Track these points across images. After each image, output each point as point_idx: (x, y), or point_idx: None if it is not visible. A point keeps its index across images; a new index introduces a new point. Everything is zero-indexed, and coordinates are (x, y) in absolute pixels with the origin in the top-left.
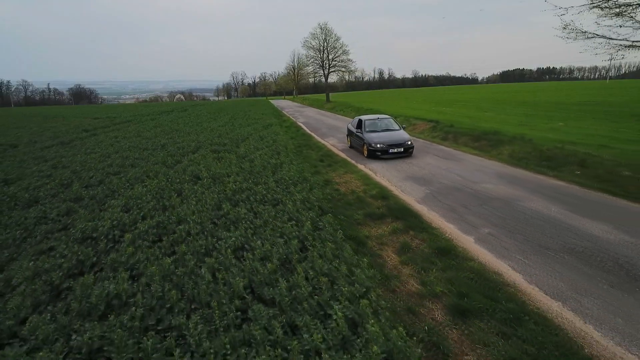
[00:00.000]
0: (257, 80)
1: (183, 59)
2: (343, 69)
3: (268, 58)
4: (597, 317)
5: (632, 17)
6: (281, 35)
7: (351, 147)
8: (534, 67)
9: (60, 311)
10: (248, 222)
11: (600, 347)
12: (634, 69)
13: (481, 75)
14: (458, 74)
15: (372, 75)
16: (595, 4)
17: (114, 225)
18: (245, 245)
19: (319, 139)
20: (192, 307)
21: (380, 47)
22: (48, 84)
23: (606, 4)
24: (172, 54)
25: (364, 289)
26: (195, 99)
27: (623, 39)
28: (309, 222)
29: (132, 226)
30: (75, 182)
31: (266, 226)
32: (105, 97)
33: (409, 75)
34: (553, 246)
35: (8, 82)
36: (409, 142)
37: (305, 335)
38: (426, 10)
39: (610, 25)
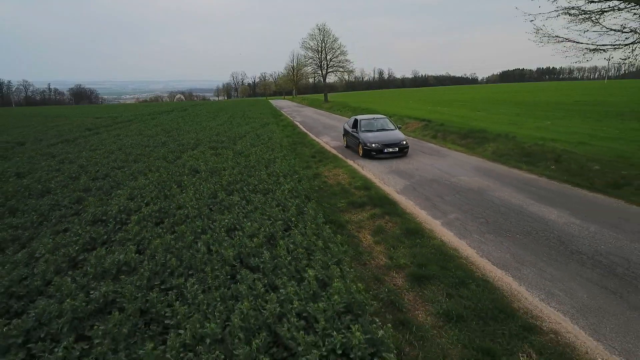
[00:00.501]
0: (257, 80)
1: (183, 59)
2: (341, 69)
3: (268, 58)
4: (530, 281)
5: (598, 22)
6: (281, 35)
7: (347, 146)
8: (533, 67)
9: (79, 275)
10: (240, 208)
11: (527, 302)
12: (634, 69)
13: (481, 75)
14: (458, 74)
15: (372, 76)
16: (562, 11)
17: (120, 210)
18: (237, 226)
19: (314, 137)
20: (190, 272)
21: (380, 47)
22: (49, 84)
23: (573, 11)
24: (172, 54)
25: (336, 259)
26: (195, 99)
27: (590, 43)
28: (294, 207)
29: (137, 211)
30: (83, 176)
31: (256, 211)
32: (106, 97)
33: (409, 75)
34: (510, 228)
35: (9, 82)
36: (404, 142)
37: (282, 291)
38: (426, 10)
39: (580, 30)
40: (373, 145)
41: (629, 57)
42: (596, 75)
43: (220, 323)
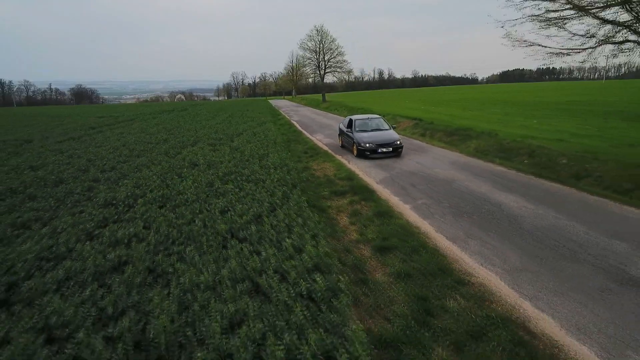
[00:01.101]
0: (257, 80)
1: (183, 59)
2: (339, 70)
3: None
4: (473, 250)
5: (563, 27)
6: (281, 35)
7: (342, 146)
8: (533, 68)
9: (97, 244)
10: (233, 194)
11: (465, 264)
12: (634, 69)
13: (481, 75)
14: (458, 74)
15: (372, 76)
16: (527, 19)
17: (128, 195)
18: (229, 207)
19: (308, 135)
20: (188, 242)
21: (380, 47)
22: (50, 84)
23: (535, 18)
24: (172, 54)
25: (312, 233)
26: (195, 99)
27: (556, 47)
28: (280, 193)
29: (142, 196)
30: (92, 168)
31: (247, 196)
32: (106, 97)
33: (409, 75)
34: (468, 211)
35: (10, 82)
36: (398, 142)
37: (264, 254)
38: (426, 10)
39: (548, 35)
40: (367, 145)
41: (585, 60)
42: (596, 76)
43: (212, 275)
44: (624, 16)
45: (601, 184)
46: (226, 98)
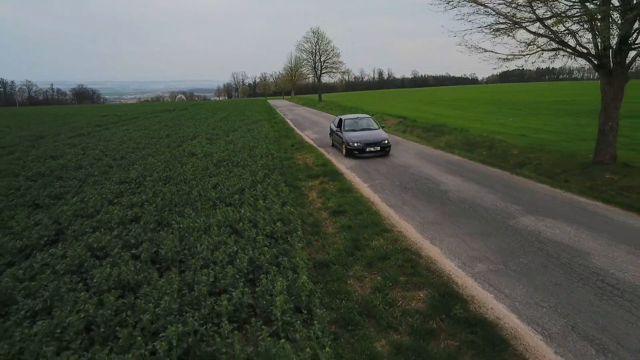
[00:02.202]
0: (257, 80)
1: (184, 59)
2: (334, 70)
3: (268, 58)
4: (403, 212)
5: (512, 36)
6: (281, 35)
7: (333, 145)
8: (533, 68)
9: (117, 206)
10: (224, 175)
11: (393, 220)
12: (632, 70)
13: (481, 75)
14: (458, 74)
15: (372, 76)
16: (475, 30)
17: (138, 176)
18: (219, 183)
19: (299, 132)
20: (186, 205)
21: (380, 47)
22: (51, 84)
23: (484, 29)
24: (173, 54)
25: (282, 201)
26: (196, 99)
27: (504, 54)
28: (262, 174)
29: (149, 176)
30: (104, 157)
31: (234, 176)
32: (107, 97)
33: (409, 75)
34: (412, 187)
35: (12, 82)
36: (386, 142)
37: (242, 211)
38: (426, 11)
39: (496, 43)
40: (355, 144)
41: (523, 65)
42: (595, 76)
43: (204, 223)
44: (553, 28)
45: (536, 170)
46: (226, 98)
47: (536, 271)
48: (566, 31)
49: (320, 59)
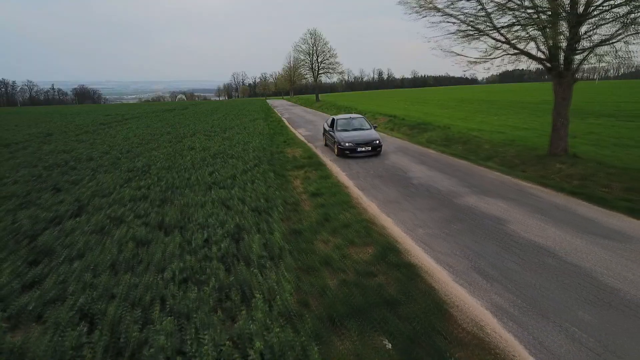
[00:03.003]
0: (257, 80)
1: (184, 59)
2: (331, 71)
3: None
4: (371, 193)
5: (483, 41)
6: (282, 35)
7: (326, 145)
8: (533, 68)
9: (128, 188)
10: (219, 165)
11: (361, 200)
12: (633, 70)
13: (481, 75)
14: (458, 74)
15: (372, 76)
16: (444, 37)
17: (144, 165)
18: (215, 171)
19: (292, 130)
20: (186, 188)
21: (380, 48)
22: (52, 84)
23: (452, 35)
24: (173, 54)
25: (269, 185)
26: (196, 99)
27: (473, 57)
28: (253, 163)
29: (154, 166)
30: (112, 151)
31: (228, 166)
32: (108, 97)
33: (409, 75)
34: (384, 175)
35: (13, 82)
36: (377, 142)
37: (232, 192)
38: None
39: (464, 47)
40: (347, 144)
41: (489, 68)
42: (595, 76)
43: (200, 200)
44: (508, 36)
45: (501, 162)
46: (226, 98)
47: (462, 234)
48: (522, 38)
49: (317, 59)
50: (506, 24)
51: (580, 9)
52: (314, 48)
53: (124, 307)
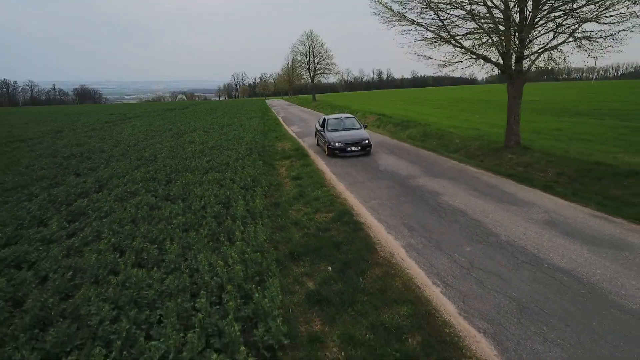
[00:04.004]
0: (257, 80)
1: (184, 59)
2: (327, 72)
3: (269, 58)
4: (342, 177)
5: (454, 45)
6: (282, 35)
7: (318, 144)
8: (532, 68)
9: (139, 172)
10: (216, 155)
11: (333, 182)
12: (632, 70)
13: (480, 76)
14: (457, 75)
15: (371, 76)
16: (414, 42)
17: (150, 155)
18: (212, 160)
19: (286, 127)
20: (187, 171)
21: (380, 48)
22: (53, 84)
23: (421, 41)
24: (173, 54)
25: (256, 170)
26: (197, 99)
27: (442, 60)
28: (245, 154)
29: (159, 155)
30: (121, 144)
31: (223, 155)
32: (108, 97)
33: (408, 76)
34: (357, 164)
35: (15, 82)
36: (367, 141)
37: (226, 175)
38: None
39: (433, 52)
40: (337, 144)
41: (454, 70)
42: (594, 76)
43: (198, 180)
44: (467, 43)
45: (465, 154)
46: (226, 98)
47: (404, 203)
48: (477, 46)
49: (314, 60)
50: (461, 34)
51: (517, 19)
52: (311, 49)
53: (144, 242)
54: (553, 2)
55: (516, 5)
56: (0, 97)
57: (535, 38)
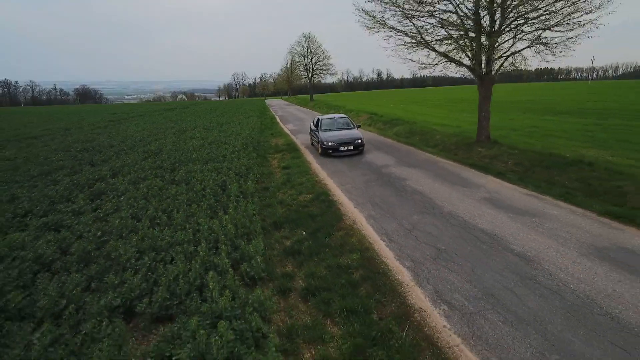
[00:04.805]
0: (257, 80)
1: (184, 59)
2: (324, 72)
3: (269, 58)
4: (326, 167)
5: (434, 49)
6: (282, 35)
7: (312, 144)
8: (531, 68)
9: (147, 162)
10: (215, 148)
11: (318, 171)
12: (631, 69)
13: (456, 76)
14: (457, 75)
15: (371, 76)
16: (399, 46)
17: (156, 149)
18: (211, 152)
19: (282, 125)
20: (189, 162)
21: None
22: (54, 84)
23: (403, 45)
24: (173, 54)
25: (249, 160)
26: (197, 99)
27: (423, 63)
28: (240, 147)
29: (163, 149)
30: (127, 140)
31: (221, 149)
32: (109, 97)
33: (408, 76)
34: (343, 157)
35: (16, 82)
36: (359, 141)
37: (223, 164)
38: None
39: (412, 54)
40: (329, 143)
41: (432, 72)
42: (593, 76)
43: (200, 168)
44: (442, 48)
45: (441, 148)
46: (227, 98)
47: (374, 187)
48: (450, 50)
49: (311, 61)
50: (435, 40)
51: (486, 27)
52: (309, 50)
53: (156, 212)
54: (517, 12)
55: (486, 15)
56: (2, 97)
57: (501, 44)
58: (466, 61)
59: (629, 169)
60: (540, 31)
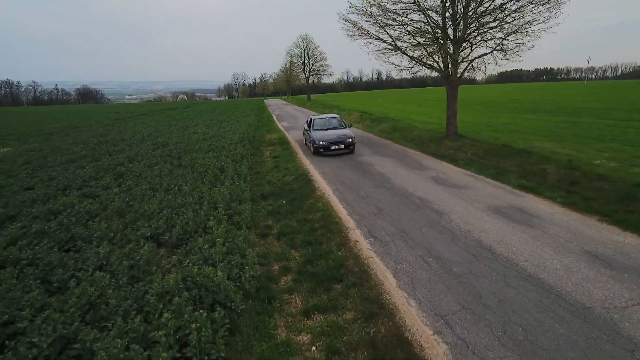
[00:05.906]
0: (257, 80)
1: (184, 59)
2: (321, 73)
3: (269, 58)
4: (315, 163)
5: (411, 54)
6: (282, 35)
7: (306, 144)
8: (531, 68)
9: (157, 153)
10: (214, 142)
11: (306, 164)
12: (631, 69)
13: (479, 76)
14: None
15: (371, 76)
16: (376, 51)
17: (163, 142)
18: (211, 144)
19: (277, 123)
20: (192, 152)
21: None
22: (56, 84)
23: (380, 51)
24: (173, 54)
25: (244, 151)
26: (197, 98)
27: (401, 66)
28: (237, 140)
29: (169, 142)
30: (136, 135)
31: (221, 142)
32: (109, 97)
33: (408, 76)
34: (328, 154)
35: (18, 82)
36: (350, 140)
37: (222, 153)
38: None
39: (390, 57)
40: (321, 143)
41: (414, 74)
42: (593, 76)
43: (202, 156)
44: (416, 53)
45: (416, 142)
46: (227, 98)
47: (346, 170)
48: (422, 56)
49: (309, 62)
50: (409, 46)
51: (451, 35)
52: (306, 52)
53: (169, 185)
54: (477, 23)
55: (451, 26)
56: (4, 97)
57: (464, 50)
58: (436, 65)
59: (561, 156)
60: (499, 40)
